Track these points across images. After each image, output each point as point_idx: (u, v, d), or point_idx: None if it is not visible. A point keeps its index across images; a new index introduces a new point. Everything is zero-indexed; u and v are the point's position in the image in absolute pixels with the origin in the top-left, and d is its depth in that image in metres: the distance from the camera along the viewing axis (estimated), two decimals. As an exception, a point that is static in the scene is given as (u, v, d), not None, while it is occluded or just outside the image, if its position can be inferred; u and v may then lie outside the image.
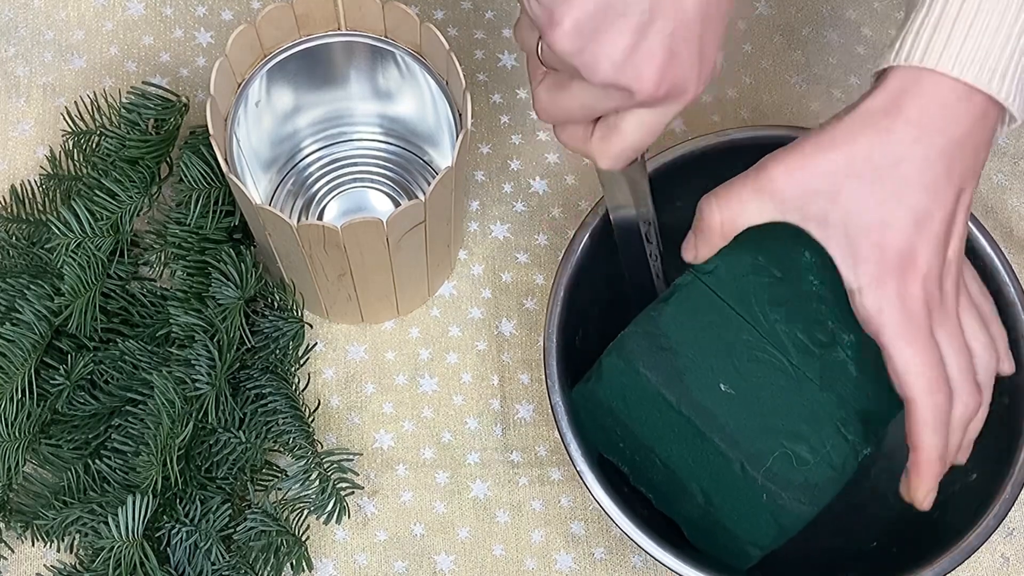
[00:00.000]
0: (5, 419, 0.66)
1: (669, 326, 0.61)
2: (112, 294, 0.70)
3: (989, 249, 0.67)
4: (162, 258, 0.71)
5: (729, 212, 0.55)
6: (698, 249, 0.58)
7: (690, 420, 0.59)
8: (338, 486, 0.67)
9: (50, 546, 0.68)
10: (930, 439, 0.54)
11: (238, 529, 0.66)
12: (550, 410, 0.71)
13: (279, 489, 0.69)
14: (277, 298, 0.70)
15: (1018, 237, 0.78)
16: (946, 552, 0.62)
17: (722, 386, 0.60)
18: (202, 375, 0.65)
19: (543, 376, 0.74)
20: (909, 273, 0.52)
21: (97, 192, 0.69)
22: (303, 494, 0.67)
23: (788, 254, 0.65)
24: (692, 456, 0.61)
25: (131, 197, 0.70)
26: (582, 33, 0.49)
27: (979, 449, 0.61)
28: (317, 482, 0.67)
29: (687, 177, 0.68)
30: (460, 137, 0.62)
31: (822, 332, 0.64)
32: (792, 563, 0.66)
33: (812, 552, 0.66)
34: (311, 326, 0.74)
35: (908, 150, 0.51)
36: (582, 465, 0.63)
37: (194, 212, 0.69)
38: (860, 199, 0.52)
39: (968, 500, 0.64)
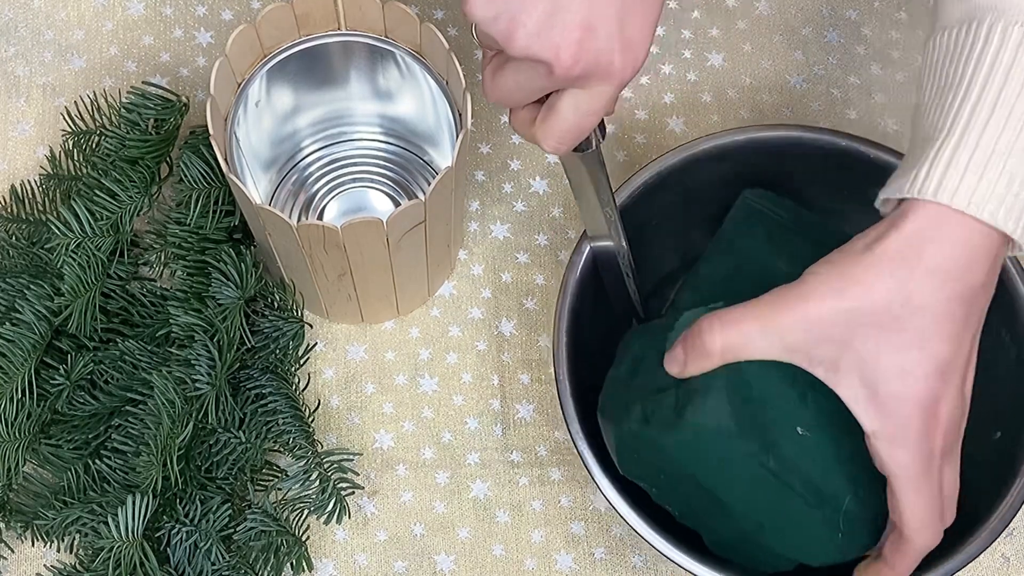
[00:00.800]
0: (5, 419, 0.66)
1: (754, 376, 0.58)
2: (112, 294, 0.70)
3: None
4: (162, 258, 0.71)
5: (731, 341, 0.53)
6: (687, 366, 0.55)
7: (771, 470, 0.58)
8: (338, 486, 0.67)
9: (50, 546, 0.68)
10: (909, 566, 0.55)
11: (238, 529, 0.66)
12: (553, 410, 0.72)
13: (279, 489, 0.69)
14: (277, 298, 0.70)
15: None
16: (948, 556, 0.62)
17: (799, 430, 0.58)
18: (202, 375, 0.65)
19: (543, 376, 0.74)
20: (932, 426, 0.51)
21: (97, 192, 0.69)
22: (303, 494, 0.67)
23: (763, 270, 0.66)
24: (758, 496, 0.59)
25: (131, 197, 0.70)
26: (494, 1, 0.50)
27: (985, 448, 0.62)
28: (317, 482, 0.67)
29: (701, 170, 0.69)
30: (460, 137, 0.62)
31: None
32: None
33: None
34: (311, 326, 0.74)
35: (930, 298, 0.50)
36: (594, 467, 0.63)
37: (194, 212, 0.69)
38: (877, 346, 0.50)
39: (973, 501, 0.64)
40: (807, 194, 0.71)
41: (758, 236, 0.67)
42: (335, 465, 0.67)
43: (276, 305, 0.70)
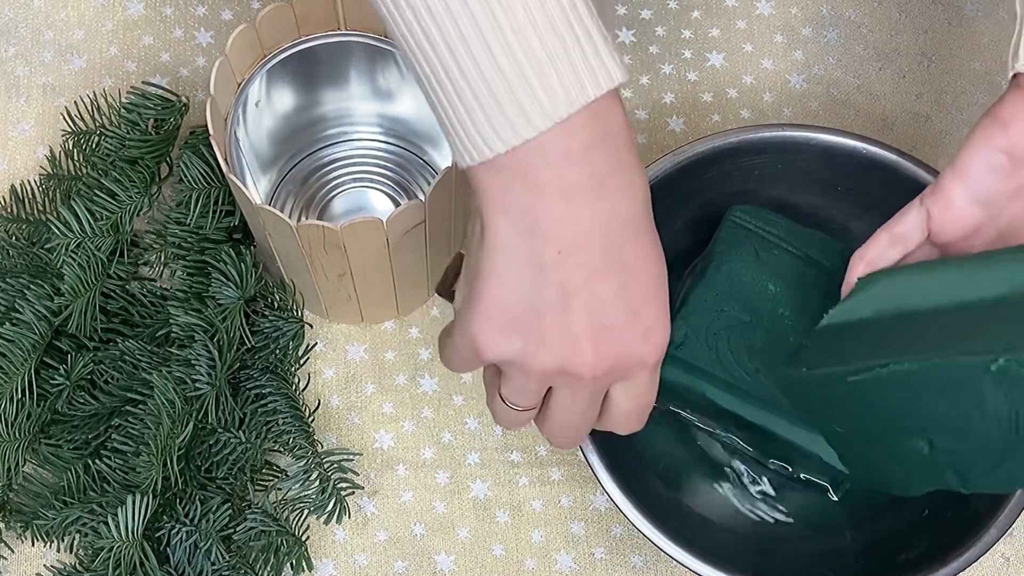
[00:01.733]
0: (5, 419, 0.66)
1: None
2: (112, 294, 0.70)
3: None
4: (162, 258, 0.71)
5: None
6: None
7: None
8: (338, 486, 0.67)
9: (50, 546, 0.68)
10: None
11: (238, 529, 0.66)
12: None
13: (279, 489, 0.69)
14: (277, 298, 0.70)
15: None
16: (951, 555, 0.62)
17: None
18: (202, 375, 0.65)
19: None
20: None
21: (97, 192, 0.69)
22: (303, 494, 0.67)
23: (752, 293, 0.66)
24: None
25: (131, 197, 0.70)
26: (510, 338, 0.50)
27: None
28: (317, 482, 0.67)
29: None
30: (460, 137, 0.62)
31: None
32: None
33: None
34: (311, 326, 0.74)
35: None
36: (597, 465, 0.63)
37: (194, 212, 0.69)
38: None
39: (975, 504, 0.64)
40: (807, 193, 0.71)
41: (744, 257, 0.67)
42: (335, 465, 0.67)
43: (276, 305, 0.70)
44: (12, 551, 0.69)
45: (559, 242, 0.49)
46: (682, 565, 0.62)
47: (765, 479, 0.68)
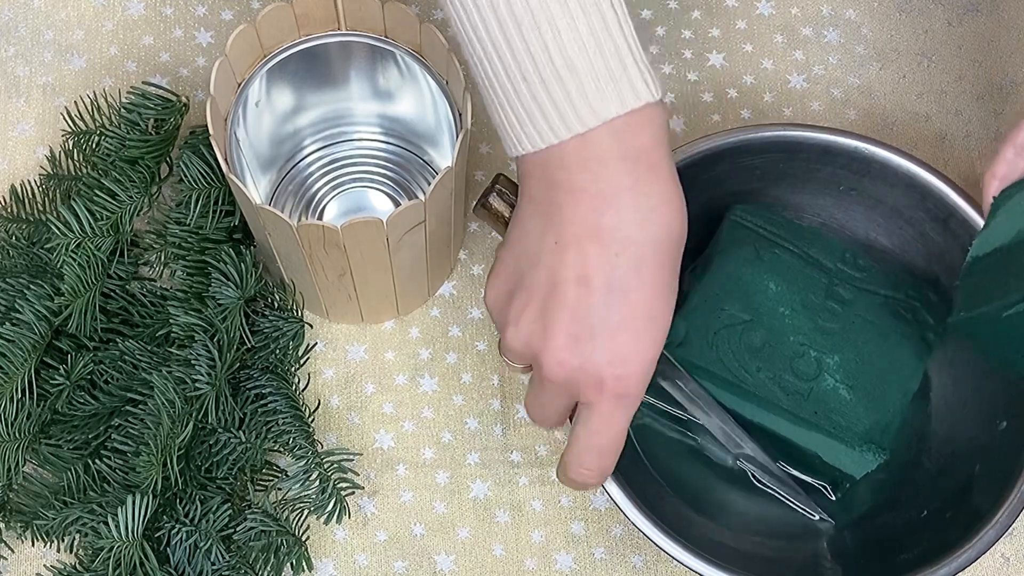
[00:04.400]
0: (5, 419, 0.66)
1: None
2: (112, 294, 0.70)
3: None
4: (162, 258, 0.71)
5: None
6: None
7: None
8: (338, 486, 0.67)
9: (50, 546, 0.68)
10: None
11: (238, 529, 0.66)
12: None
13: (279, 489, 0.69)
14: (277, 298, 0.70)
15: None
16: (951, 554, 0.62)
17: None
18: (202, 375, 0.65)
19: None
20: None
21: (97, 192, 0.69)
22: (303, 494, 0.67)
23: (753, 293, 0.66)
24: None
25: (131, 197, 0.70)
26: (500, 299, 0.56)
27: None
28: (317, 482, 0.67)
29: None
30: (460, 137, 0.62)
31: (805, 364, 0.65)
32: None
33: None
34: (311, 326, 0.74)
35: None
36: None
37: (194, 212, 0.69)
38: None
39: (976, 502, 0.64)
40: (807, 193, 0.71)
41: (745, 255, 0.67)
42: (335, 465, 0.67)
43: (276, 305, 0.70)
44: (12, 551, 0.69)
45: (558, 234, 0.53)
46: (683, 565, 0.62)
47: (766, 478, 0.68)
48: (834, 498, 0.67)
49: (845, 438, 0.65)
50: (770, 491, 0.68)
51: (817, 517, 0.67)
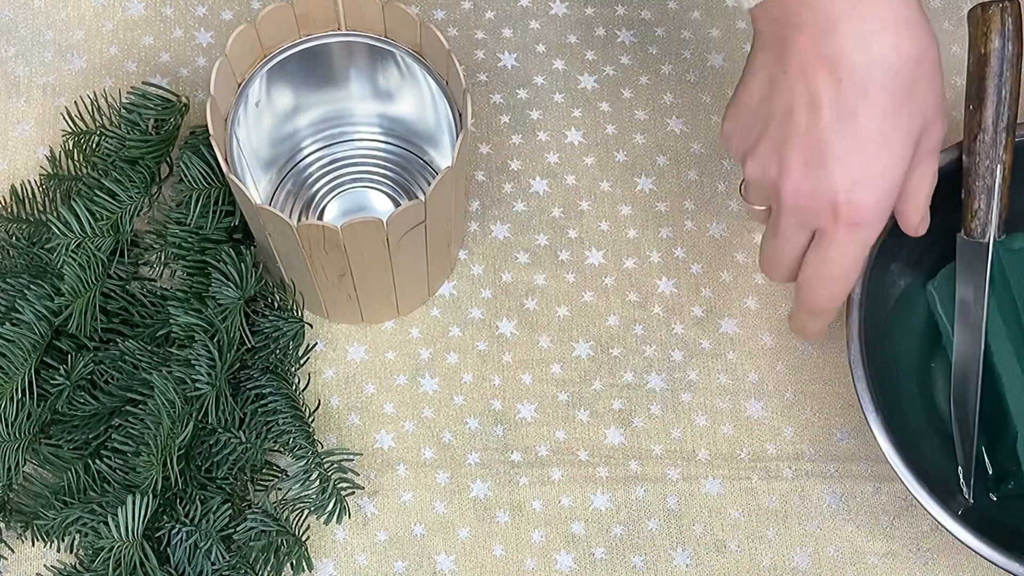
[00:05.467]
0: (5, 419, 0.66)
1: None
2: (112, 294, 0.70)
3: None
4: (162, 258, 0.71)
5: None
6: None
7: None
8: (338, 486, 0.67)
9: (50, 546, 0.68)
10: None
11: (238, 529, 0.66)
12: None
13: (279, 489, 0.69)
14: (277, 298, 0.70)
15: None
16: None
17: None
18: (202, 375, 0.65)
19: (544, 376, 0.74)
20: None
21: (97, 192, 0.70)
22: (303, 494, 0.67)
23: None
24: None
25: (131, 197, 0.70)
26: (736, 133, 0.59)
27: None
28: (317, 482, 0.67)
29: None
30: (460, 137, 0.62)
31: None
32: None
33: None
34: (311, 326, 0.74)
35: None
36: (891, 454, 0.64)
37: (194, 212, 0.69)
38: None
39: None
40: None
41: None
42: (335, 465, 0.67)
43: (276, 305, 0.71)
44: (12, 551, 0.69)
45: (785, 66, 0.54)
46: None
47: (957, 426, 0.68)
48: (993, 496, 0.67)
49: None
50: (952, 433, 0.68)
51: (964, 488, 0.67)
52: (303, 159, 0.76)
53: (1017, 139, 0.66)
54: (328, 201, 0.75)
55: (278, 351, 0.70)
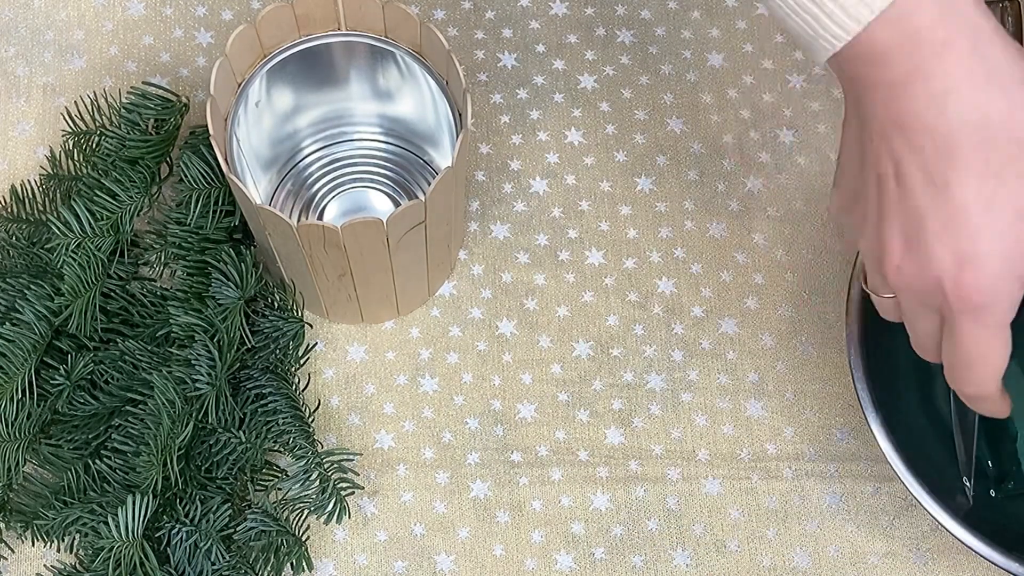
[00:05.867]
0: (5, 419, 0.66)
1: None
2: (112, 294, 0.70)
3: None
4: (162, 258, 0.71)
5: None
6: None
7: None
8: (338, 486, 0.67)
9: (50, 546, 0.68)
10: None
11: (238, 529, 0.66)
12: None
13: (279, 489, 0.69)
14: (277, 298, 0.70)
15: None
16: None
17: None
18: (202, 375, 0.65)
19: (544, 376, 0.74)
20: None
21: (97, 192, 0.70)
22: (303, 494, 0.67)
23: None
24: None
25: (131, 197, 0.70)
26: (843, 211, 0.53)
27: None
28: (317, 482, 0.67)
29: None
30: (460, 137, 0.62)
31: None
32: None
33: None
34: (311, 326, 0.74)
35: None
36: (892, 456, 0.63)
37: (194, 212, 0.69)
38: None
39: None
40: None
41: None
42: (335, 465, 0.67)
43: (276, 305, 0.71)
44: (12, 551, 0.69)
45: (867, 130, 0.49)
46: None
47: (959, 421, 0.67)
48: (993, 493, 0.67)
49: None
50: (953, 432, 0.67)
51: (968, 485, 0.66)
52: (303, 159, 0.76)
53: None
54: (328, 201, 0.75)
55: (278, 351, 0.70)
